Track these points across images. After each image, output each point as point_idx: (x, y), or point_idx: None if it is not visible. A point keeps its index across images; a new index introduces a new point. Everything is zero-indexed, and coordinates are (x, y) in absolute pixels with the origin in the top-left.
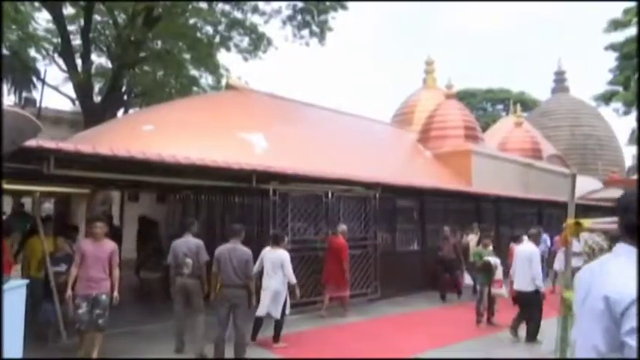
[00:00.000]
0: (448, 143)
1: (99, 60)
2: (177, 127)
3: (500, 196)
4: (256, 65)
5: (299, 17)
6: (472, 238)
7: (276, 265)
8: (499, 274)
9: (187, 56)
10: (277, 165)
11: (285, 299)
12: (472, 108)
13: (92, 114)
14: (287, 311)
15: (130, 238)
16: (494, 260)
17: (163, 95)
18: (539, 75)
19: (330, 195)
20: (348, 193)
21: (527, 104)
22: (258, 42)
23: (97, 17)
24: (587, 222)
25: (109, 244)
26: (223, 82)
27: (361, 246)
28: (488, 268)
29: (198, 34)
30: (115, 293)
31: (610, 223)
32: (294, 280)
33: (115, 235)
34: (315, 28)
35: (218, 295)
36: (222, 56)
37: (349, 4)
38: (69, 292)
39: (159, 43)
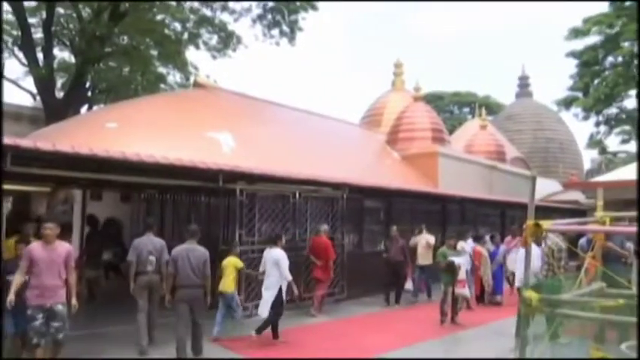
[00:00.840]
0: (416, 145)
1: (62, 54)
2: (143, 124)
3: (465, 197)
4: (226, 64)
5: (269, 16)
6: (419, 240)
7: (273, 265)
8: (462, 274)
9: (155, 53)
10: (244, 165)
11: (281, 296)
12: (439, 111)
13: (54, 110)
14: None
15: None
16: (458, 260)
17: (129, 92)
18: (504, 80)
19: (297, 195)
20: (315, 194)
21: (492, 108)
22: (227, 40)
23: (60, 10)
24: (546, 223)
25: (63, 247)
26: (192, 80)
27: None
28: (452, 269)
29: (166, 31)
30: (74, 301)
31: (568, 224)
32: (289, 278)
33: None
34: (285, 27)
35: (176, 295)
36: (191, 54)
37: (320, 4)
38: (10, 297)
39: (125, 38)
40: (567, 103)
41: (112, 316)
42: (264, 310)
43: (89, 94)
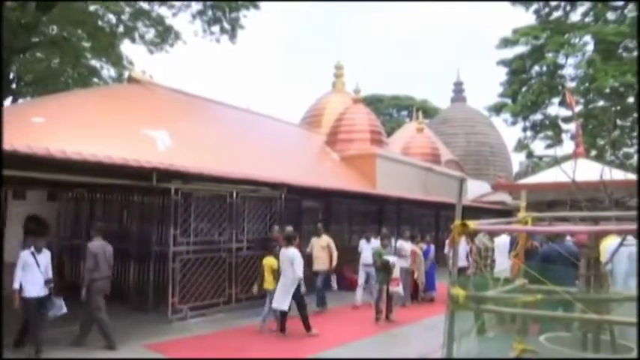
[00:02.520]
0: (354, 146)
1: None
2: (73, 120)
3: (402, 198)
4: (166, 60)
5: (209, 13)
6: (314, 243)
7: (288, 263)
8: (396, 272)
9: (87, 45)
10: (180, 163)
11: (300, 291)
12: (379, 113)
13: None
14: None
15: (16, 240)
16: (392, 259)
17: (58, 85)
18: (440, 84)
19: (234, 195)
20: (253, 194)
21: (429, 112)
22: (165, 35)
23: None
24: (472, 223)
25: None
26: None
27: (266, 247)
28: (388, 267)
29: (100, 22)
30: None
31: (494, 224)
32: (300, 276)
33: None
34: (226, 25)
35: (95, 287)
36: (127, 48)
37: (262, 4)
38: None
39: (54, 28)
40: (497, 108)
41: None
42: (280, 304)
43: (14, 86)
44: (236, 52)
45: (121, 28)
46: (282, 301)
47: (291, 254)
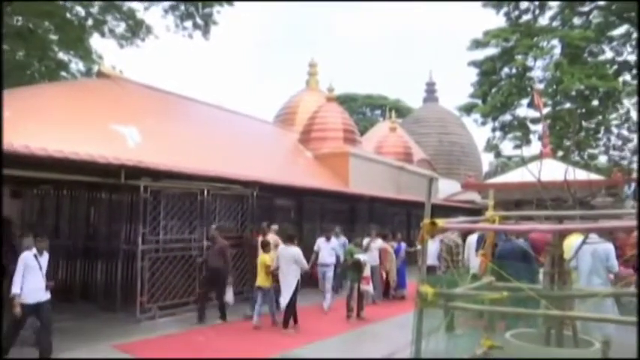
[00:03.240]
0: (328, 145)
1: None
2: (39, 114)
3: (374, 197)
4: (138, 56)
5: (182, 7)
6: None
7: (290, 261)
8: (367, 271)
9: (54, 37)
10: (149, 160)
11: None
12: (352, 112)
13: None
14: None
15: None
16: (364, 258)
17: (24, 78)
18: (413, 84)
19: (205, 193)
20: (224, 192)
21: (401, 111)
22: (135, 29)
23: None
24: (441, 222)
25: None
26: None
27: (238, 244)
28: (359, 266)
29: (68, 15)
30: None
31: (462, 222)
32: (307, 267)
33: None
34: (199, 20)
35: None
36: (97, 42)
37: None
38: None
39: (20, 19)
40: (468, 109)
41: None
42: (282, 302)
43: None
44: (210, 49)
45: (90, 21)
46: (285, 297)
47: (293, 252)
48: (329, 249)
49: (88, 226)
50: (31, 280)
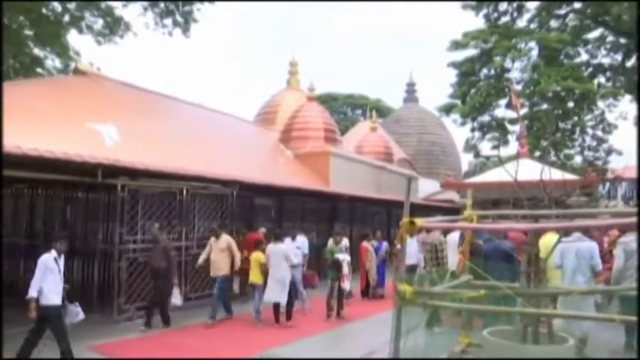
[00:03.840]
0: (308, 144)
1: None
2: (13, 112)
3: (355, 196)
4: (117, 54)
5: (162, 5)
6: (214, 243)
7: (280, 258)
8: (345, 269)
9: (30, 33)
10: (127, 159)
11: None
12: (333, 111)
13: None
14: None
15: None
16: (342, 257)
17: None
18: (394, 85)
19: (184, 192)
20: (204, 191)
21: (382, 111)
22: (114, 26)
23: None
24: (420, 221)
25: None
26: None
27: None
28: (338, 265)
29: (44, 10)
30: None
31: (440, 221)
32: (295, 261)
33: None
34: (178, 17)
35: None
36: (74, 38)
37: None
38: None
39: None
40: (447, 109)
41: None
42: (277, 297)
43: None
44: (191, 48)
45: (66, 17)
46: (279, 294)
47: (282, 249)
48: (294, 248)
49: (63, 226)
50: (51, 282)
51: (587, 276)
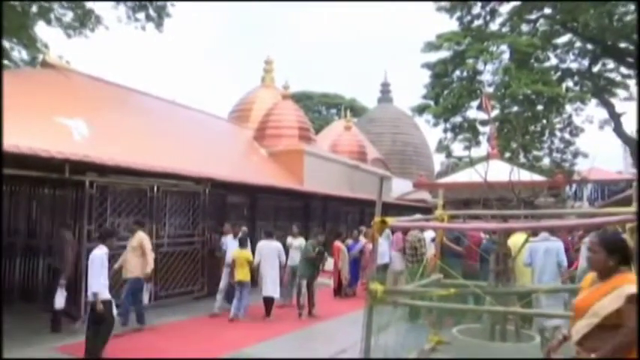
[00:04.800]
0: (283, 142)
1: None
2: None
3: (329, 195)
4: (88, 47)
5: None
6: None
7: (273, 255)
8: (329, 265)
9: None
10: (95, 155)
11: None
12: (308, 110)
13: None
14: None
15: None
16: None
17: None
18: (369, 84)
19: (155, 189)
20: (175, 188)
21: (357, 110)
22: (84, 18)
23: None
24: (391, 220)
25: None
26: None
27: (188, 242)
28: (314, 263)
29: (10, 1)
30: None
31: (411, 221)
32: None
33: None
34: (152, 12)
35: None
36: (43, 31)
37: None
38: None
39: None
40: (421, 110)
41: None
42: (269, 291)
43: None
44: (165, 45)
45: (34, 8)
46: (273, 289)
47: (276, 246)
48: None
49: (29, 223)
50: (104, 278)
51: (553, 274)
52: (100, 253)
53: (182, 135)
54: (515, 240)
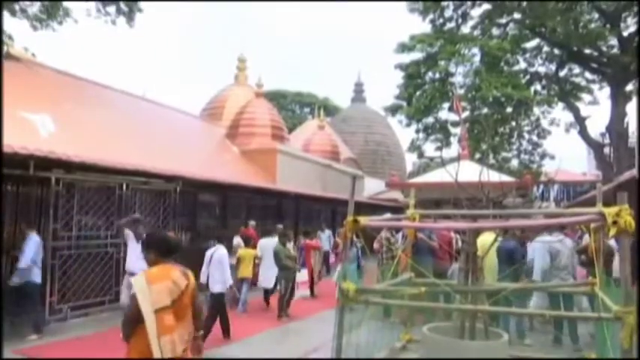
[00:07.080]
0: (255, 141)
1: None
2: None
3: (301, 194)
4: (56, 41)
5: None
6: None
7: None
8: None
9: None
10: (62, 151)
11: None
12: (282, 108)
13: None
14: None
15: None
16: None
17: None
18: (342, 84)
19: (125, 187)
20: (145, 186)
21: (330, 110)
22: (52, 11)
23: None
24: (364, 219)
25: None
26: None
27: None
28: (294, 260)
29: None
30: None
31: (383, 220)
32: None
33: None
34: (123, 6)
35: None
36: (7, 22)
37: None
38: None
39: None
40: (393, 110)
41: None
42: (265, 283)
43: None
44: (137, 41)
45: None
46: (270, 280)
47: (273, 243)
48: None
49: None
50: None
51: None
52: (224, 253)
53: (152, 132)
54: (484, 239)
